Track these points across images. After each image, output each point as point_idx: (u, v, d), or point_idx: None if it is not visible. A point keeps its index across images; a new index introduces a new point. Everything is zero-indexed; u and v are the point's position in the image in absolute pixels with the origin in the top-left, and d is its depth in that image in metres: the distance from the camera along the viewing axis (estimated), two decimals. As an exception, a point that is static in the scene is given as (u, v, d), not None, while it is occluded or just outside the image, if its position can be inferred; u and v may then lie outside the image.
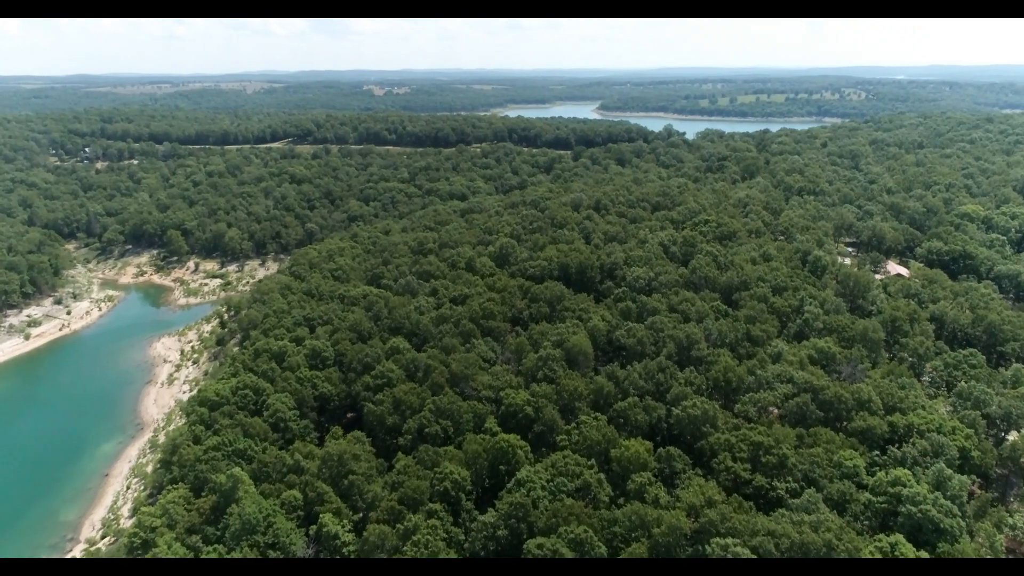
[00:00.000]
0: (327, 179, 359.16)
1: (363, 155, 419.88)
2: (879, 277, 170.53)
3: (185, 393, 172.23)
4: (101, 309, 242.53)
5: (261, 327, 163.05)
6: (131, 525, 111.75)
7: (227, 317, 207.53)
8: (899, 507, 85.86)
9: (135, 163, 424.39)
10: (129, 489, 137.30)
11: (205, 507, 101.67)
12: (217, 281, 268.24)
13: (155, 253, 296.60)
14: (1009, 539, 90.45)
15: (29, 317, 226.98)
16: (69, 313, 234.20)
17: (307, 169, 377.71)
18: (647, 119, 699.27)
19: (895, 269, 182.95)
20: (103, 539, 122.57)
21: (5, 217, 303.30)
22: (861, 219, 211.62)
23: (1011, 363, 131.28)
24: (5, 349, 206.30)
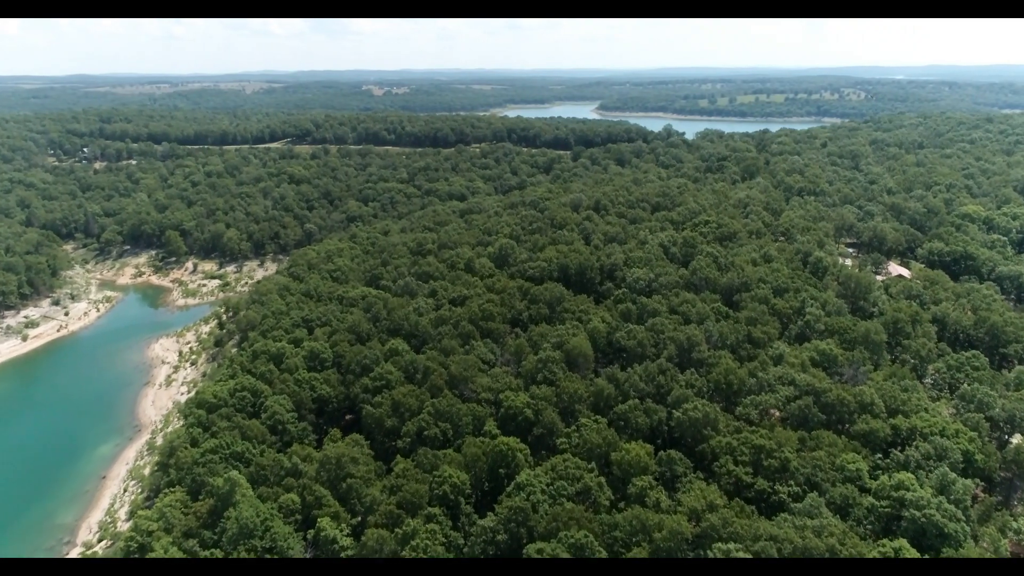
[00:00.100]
0: (326, 179, 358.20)
1: (362, 155, 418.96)
2: (880, 278, 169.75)
3: (183, 395, 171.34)
4: (99, 310, 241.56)
5: (259, 328, 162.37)
6: (128, 529, 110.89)
7: (225, 318, 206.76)
8: (903, 511, 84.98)
9: (133, 163, 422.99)
10: (126, 492, 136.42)
11: (202, 511, 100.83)
12: (215, 282, 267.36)
13: (153, 254, 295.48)
14: (1013, 543, 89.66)
15: (27, 318, 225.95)
16: (67, 314, 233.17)
17: (306, 169, 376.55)
18: (646, 119, 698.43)
19: (896, 270, 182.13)
20: (100, 542, 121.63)
21: (3, 218, 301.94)
22: (862, 220, 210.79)
23: (1014, 365, 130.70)
24: (2, 350, 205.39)
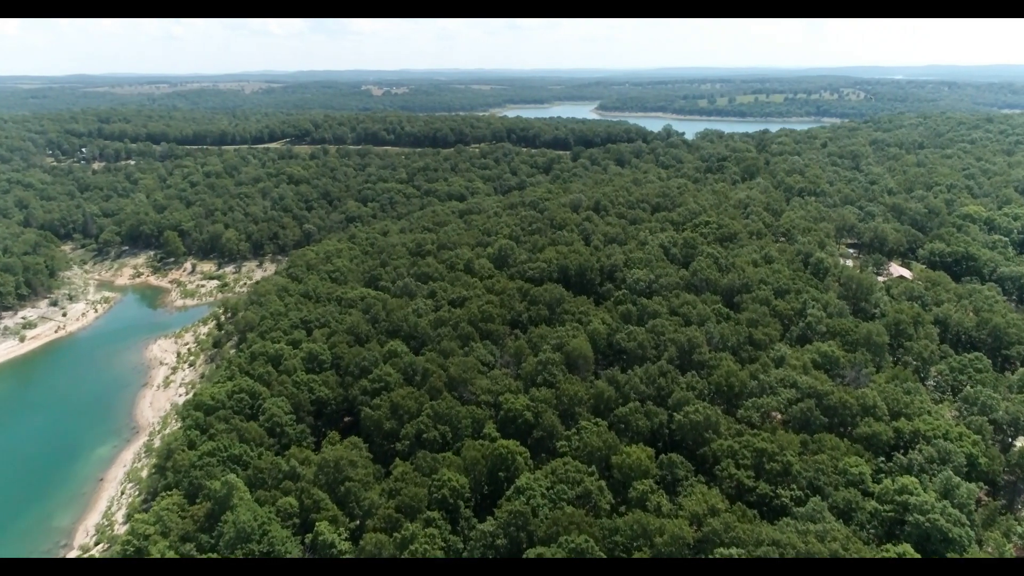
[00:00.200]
0: (325, 179, 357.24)
1: (361, 155, 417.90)
2: (881, 279, 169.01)
3: (181, 396, 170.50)
4: (97, 311, 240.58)
5: (258, 329, 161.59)
6: (124, 532, 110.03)
7: (224, 319, 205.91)
8: (906, 516, 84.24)
9: (132, 163, 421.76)
10: (124, 494, 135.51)
11: (199, 514, 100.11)
12: (214, 282, 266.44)
13: (152, 254, 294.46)
14: (1018, 548, 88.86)
15: (24, 319, 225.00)
16: (65, 315, 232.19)
17: (305, 170, 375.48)
18: (646, 119, 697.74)
19: (897, 271, 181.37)
20: (97, 545, 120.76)
21: (1, 218, 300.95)
22: (863, 220, 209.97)
23: (1017, 367, 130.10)
24: (0, 352, 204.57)
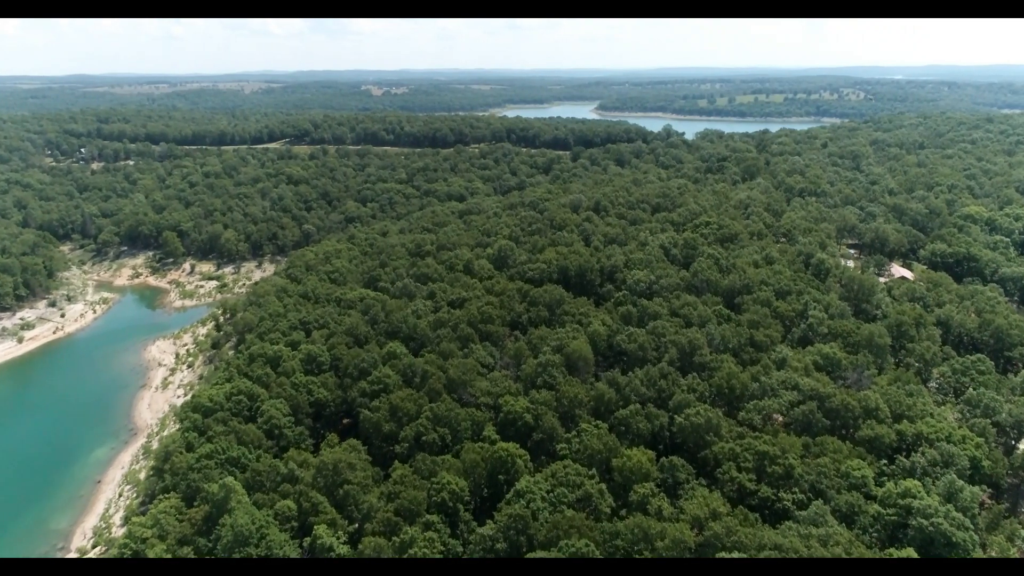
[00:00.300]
0: (324, 180, 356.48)
1: (361, 156, 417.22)
2: (883, 280, 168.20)
3: (179, 398, 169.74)
4: (96, 312, 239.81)
5: (256, 330, 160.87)
6: (122, 535, 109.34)
7: (222, 320, 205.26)
8: (909, 519, 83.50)
9: (131, 164, 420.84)
10: (121, 496, 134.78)
11: (197, 517, 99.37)
12: (213, 283, 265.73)
13: (151, 255, 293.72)
14: (1022, 552, 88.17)
15: (22, 320, 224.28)
16: (63, 316, 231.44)
17: (304, 170, 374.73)
18: (645, 119, 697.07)
19: (899, 272, 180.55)
20: (94, 548, 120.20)
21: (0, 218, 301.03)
22: (864, 221, 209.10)
23: (1019, 368, 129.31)
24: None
